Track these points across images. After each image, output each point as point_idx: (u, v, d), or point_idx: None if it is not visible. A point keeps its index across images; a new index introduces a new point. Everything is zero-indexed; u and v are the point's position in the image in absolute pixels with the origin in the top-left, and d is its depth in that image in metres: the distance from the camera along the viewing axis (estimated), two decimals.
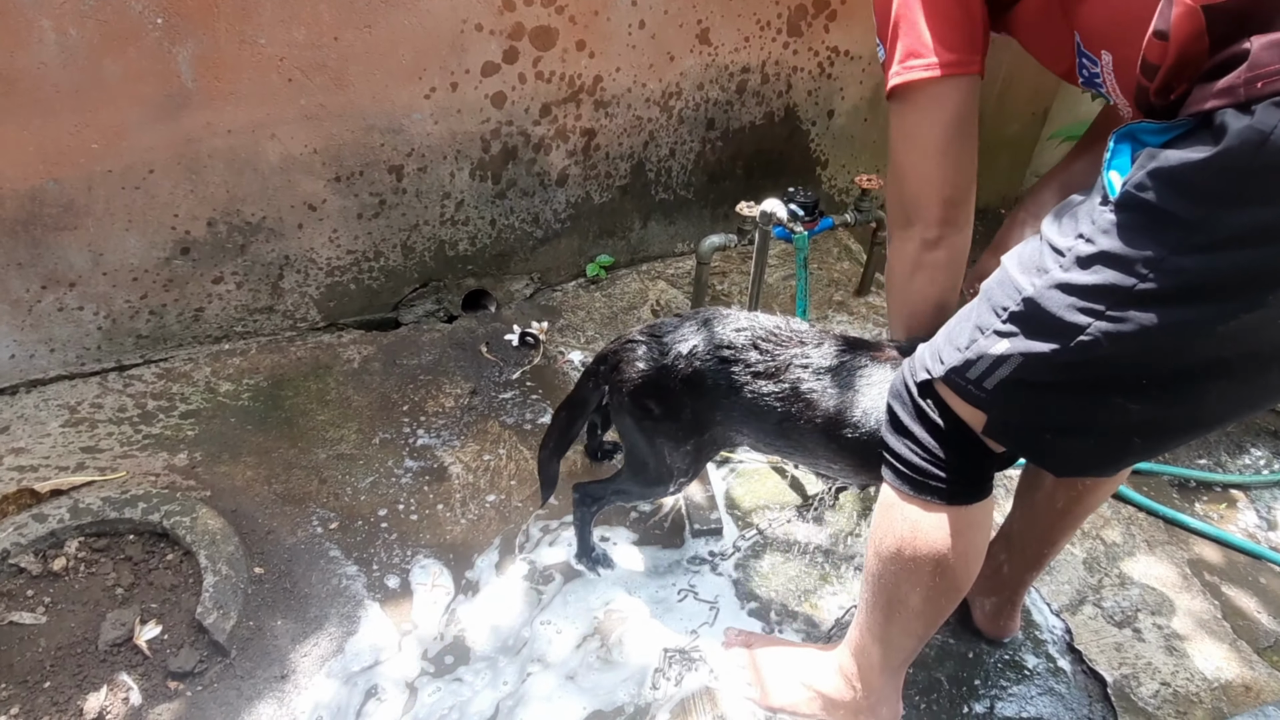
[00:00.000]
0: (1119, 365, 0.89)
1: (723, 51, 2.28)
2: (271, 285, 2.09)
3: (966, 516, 1.08)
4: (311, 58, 1.82)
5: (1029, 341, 0.91)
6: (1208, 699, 1.50)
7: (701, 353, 1.28)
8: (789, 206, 1.75)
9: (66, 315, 1.90)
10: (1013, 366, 0.93)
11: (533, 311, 2.33)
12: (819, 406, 1.23)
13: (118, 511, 1.59)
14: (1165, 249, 0.81)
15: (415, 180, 2.10)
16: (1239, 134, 0.74)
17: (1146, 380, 0.90)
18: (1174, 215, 0.80)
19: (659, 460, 1.41)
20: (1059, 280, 0.89)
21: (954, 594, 1.15)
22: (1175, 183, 0.80)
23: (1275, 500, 1.95)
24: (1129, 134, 0.86)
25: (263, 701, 1.38)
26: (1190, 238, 0.80)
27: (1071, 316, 0.87)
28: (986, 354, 0.95)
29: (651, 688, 1.44)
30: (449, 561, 1.64)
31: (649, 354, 1.32)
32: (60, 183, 1.74)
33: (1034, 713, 1.46)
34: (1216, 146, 0.76)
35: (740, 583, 1.64)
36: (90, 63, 1.65)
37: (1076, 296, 0.87)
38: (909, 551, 1.11)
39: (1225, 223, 0.78)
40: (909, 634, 1.20)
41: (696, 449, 1.40)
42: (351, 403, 1.97)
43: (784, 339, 1.27)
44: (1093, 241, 0.86)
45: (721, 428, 1.36)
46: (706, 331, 1.30)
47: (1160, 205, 0.81)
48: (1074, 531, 1.41)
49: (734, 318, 1.32)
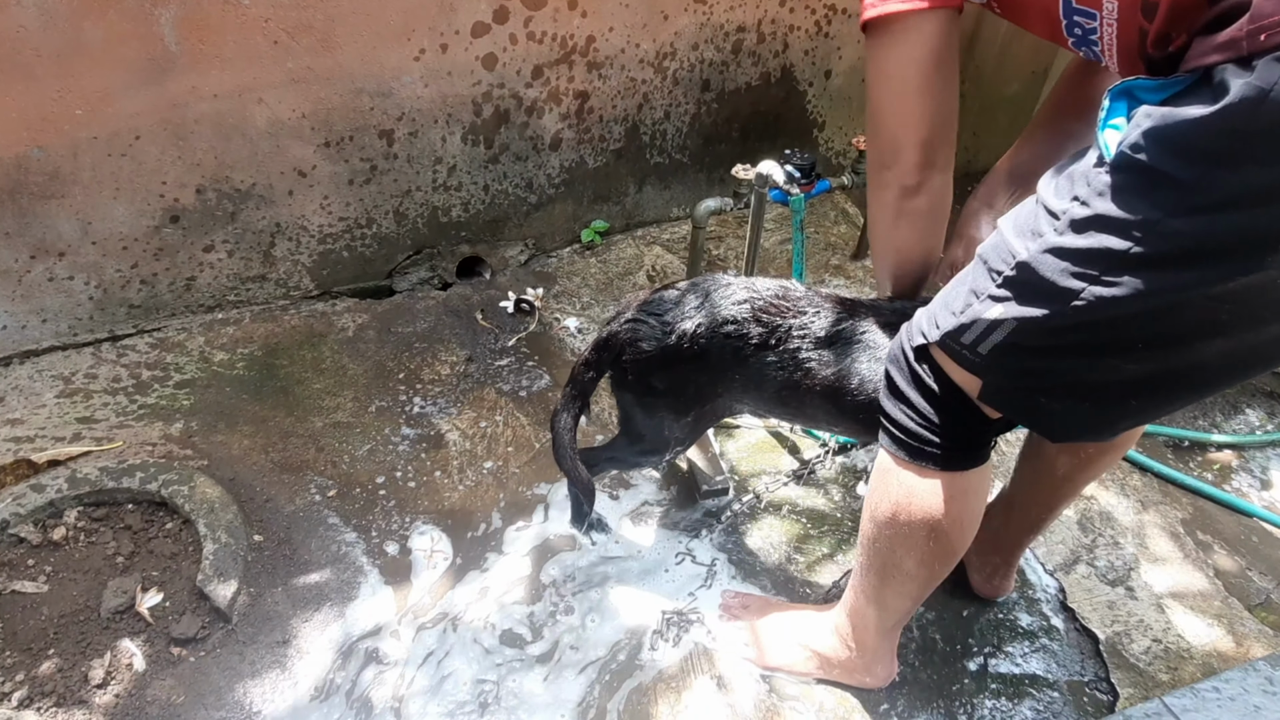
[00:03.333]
0: (1114, 329, 0.88)
1: (718, 10, 2.24)
2: (263, 253, 2.07)
3: (962, 482, 1.08)
4: (297, 18, 1.78)
5: (1023, 306, 0.90)
6: (1198, 655, 1.52)
7: (704, 329, 1.26)
8: (785, 169, 1.73)
9: (57, 285, 1.88)
10: (1007, 331, 0.93)
11: (528, 278, 2.32)
12: (819, 374, 1.22)
13: (115, 481, 1.59)
14: (1161, 211, 0.79)
15: (406, 145, 2.07)
16: (1239, 91, 0.72)
17: (1142, 344, 0.89)
18: (1170, 176, 0.78)
19: (657, 432, 1.41)
20: (1053, 244, 0.87)
21: (949, 558, 1.15)
22: (1171, 143, 0.77)
23: (1269, 461, 1.96)
24: (1125, 91, 0.84)
25: (265, 666, 1.40)
26: (1186, 199, 0.78)
27: (1065, 281, 0.86)
28: (981, 318, 0.94)
29: (650, 649, 1.46)
30: (447, 528, 1.65)
31: (651, 334, 1.29)
32: (45, 150, 1.71)
33: (1027, 670, 1.48)
34: (1215, 105, 0.74)
35: (737, 546, 1.65)
36: (70, 25, 1.61)
37: (1070, 261, 0.86)
38: (904, 516, 1.12)
39: (1222, 184, 0.76)
40: (904, 596, 1.22)
41: (696, 419, 1.40)
42: (347, 371, 1.97)
43: (784, 309, 1.25)
44: (1087, 204, 0.84)
45: (724, 399, 1.36)
46: (708, 306, 1.28)
47: (1156, 166, 0.78)
48: (1075, 498, 1.41)
49: (734, 287, 1.29)
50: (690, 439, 1.45)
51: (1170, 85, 0.79)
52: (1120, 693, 1.45)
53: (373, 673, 1.41)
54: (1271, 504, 1.85)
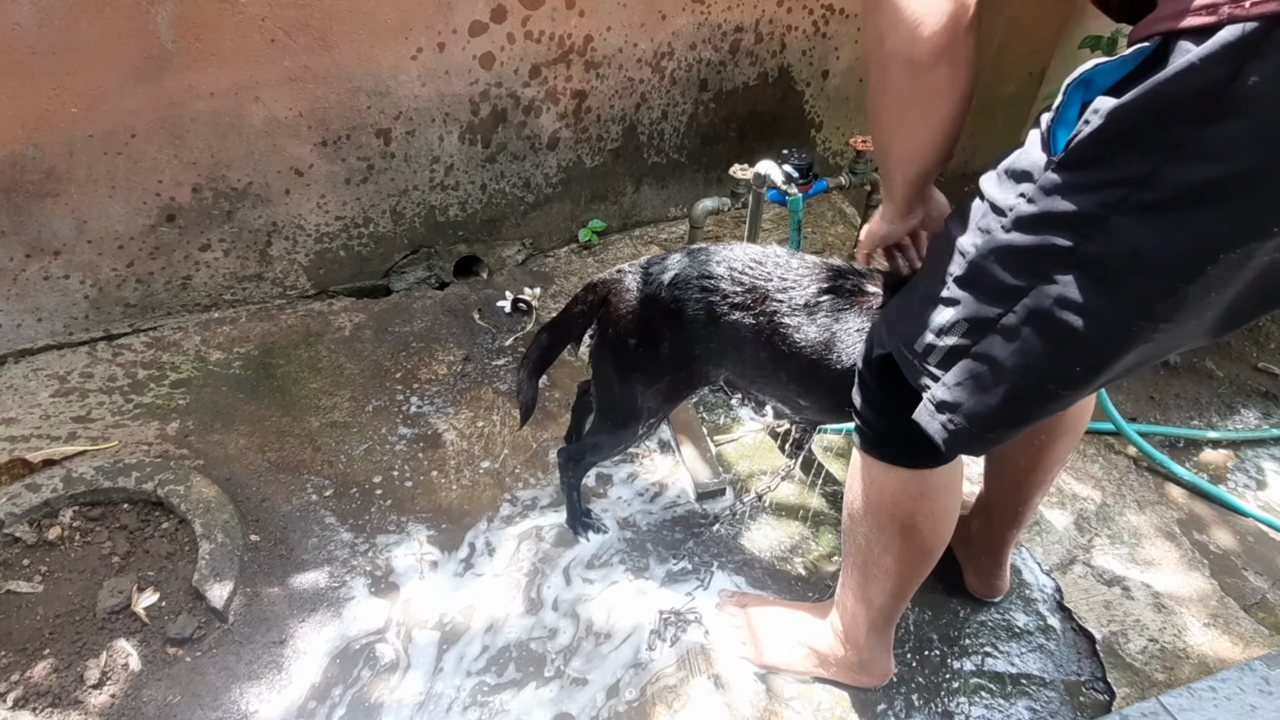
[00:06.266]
0: (1050, 331, 0.84)
1: (715, 9, 2.24)
2: (260, 252, 2.06)
3: (931, 479, 1.09)
4: (294, 17, 1.78)
5: (975, 306, 0.88)
6: (1194, 655, 1.53)
7: (682, 282, 1.28)
8: (783, 169, 1.73)
9: (52, 284, 1.88)
10: (957, 334, 0.90)
11: (525, 278, 2.31)
12: (797, 340, 1.23)
13: (111, 481, 1.58)
14: (1107, 209, 0.75)
15: (403, 144, 2.06)
16: (1194, 74, 0.66)
17: (1077, 354, 0.85)
18: (1117, 171, 0.74)
19: (631, 401, 1.42)
20: (1001, 242, 0.84)
21: (925, 555, 1.16)
22: (1120, 133, 0.73)
23: (1263, 461, 1.97)
24: (1084, 82, 0.78)
25: (261, 666, 1.39)
26: (1133, 195, 0.74)
27: (1013, 279, 0.83)
28: (934, 322, 0.91)
29: (648, 649, 1.46)
30: (444, 528, 1.64)
31: (634, 283, 1.34)
32: (40, 148, 1.71)
33: (1023, 669, 1.48)
34: (1168, 89, 0.68)
35: (734, 545, 1.65)
36: (66, 23, 1.60)
37: (1018, 259, 0.83)
38: (876, 514, 1.12)
39: (1171, 180, 0.71)
40: (886, 593, 1.22)
41: (671, 387, 1.40)
42: (344, 370, 1.96)
43: (764, 273, 1.26)
44: (1034, 202, 0.81)
45: (700, 364, 1.37)
46: (690, 263, 1.30)
47: (1102, 159, 0.74)
48: (1047, 487, 1.40)
49: (718, 250, 1.31)
50: (664, 410, 1.46)
51: (1128, 61, 0.73)
52: (1117, 692, 1.45)
53: (369, 673, 1.40)
54: (1267, 505, 1.86)
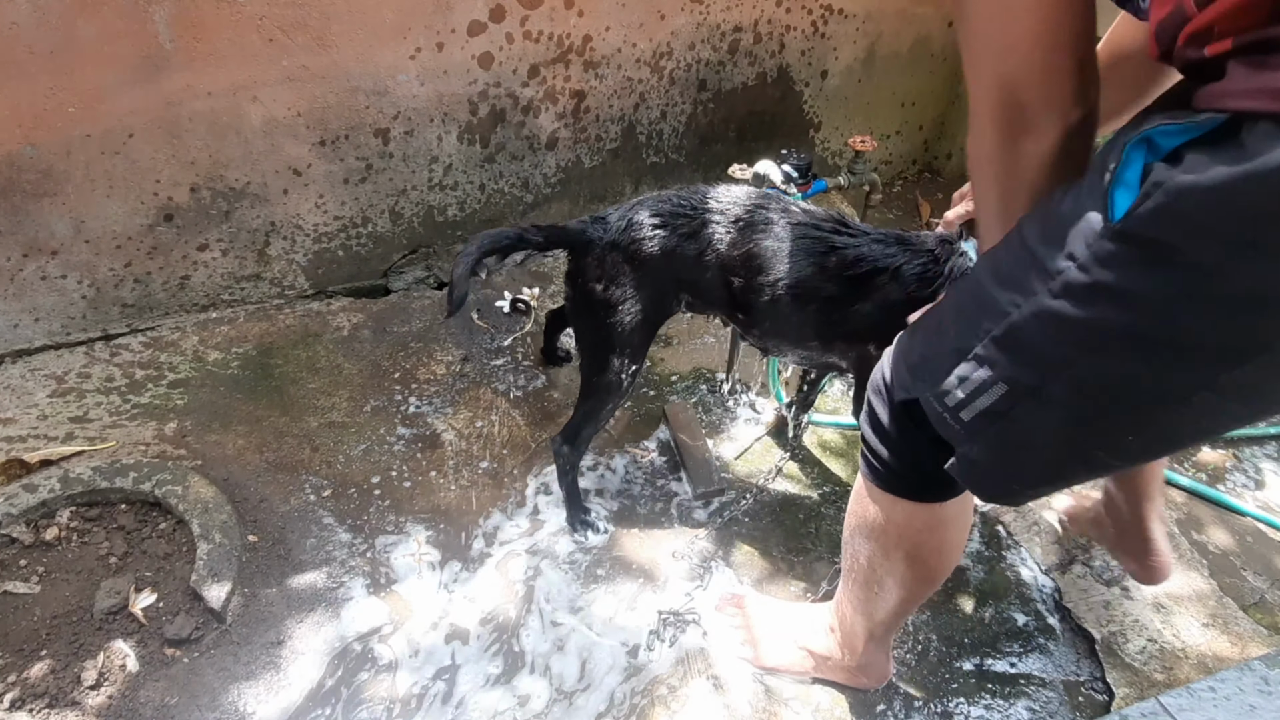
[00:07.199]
0: (1098, 403, 0.80)
1: (714, 9, 2.24)
2: (258, 252, 2.06)
3: (940, 513, 1.06)
4: (292, 16, 1.77)
5: (1012, 370, 0.82)
6: (1193, 655, 1.53)
7: (638, 220, 1.42)
8: (782, 169, 1.73)
9: (50, 284, 1.87)
10: (995, 397, 0.84)
11: (524, 278, 2.31)
12: (727, 252, 1.38)
13: (109, 481, 1.58)
14: (1171, 291, 0.69)
15: (402, 144, 2.06)
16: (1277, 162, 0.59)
17: (1129, 418, 0.81)
18: (1184, 255, 0.67)
19: (608, 348, 1.47)
20: (1045, 307, 0.78)
21: (929, 583, 1.15)
22: (1191, 218, 0.66)
23: (1261, 461, 1.97)
24: (1145, 140, 0.71)
25: (259, 667, 1.39)
26: (1200, 287, 0.68)
27: (1059, 350, 0.78)
28: (967, 378, 0.86)
29: (647, 650, 1.46)
30: (442, 528, 1.64)
31: (597, 229, 1.47)
32: (38, 148, 1.70)
33: (1023, 670, 1.48)
34: (1248, 174, 0.60)
35: (733, 546, 1.65)
36: (64, 22, 1.60)
37: (1065, 329, 0.77)
38: (880, 541, 1.11)
39: (1243, 276, 0.65)
40: (887, 610, 1.21)
41: (646, 322, 1.48)
42: (342, 371, 1.96)
43: (699, 203, 1.41)
44: (1086, 270, 0.74)
45: (670, 297, 1.47)
46: (644, 204, 1.45)
47: (1168, 240, 0.68)
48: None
49: (673, 191, 1.46)
50: (640, 353, 1.51)
51: (1192, 129, 0.67)
52: (1116, 692, 1.45)
53: (367, 674, 1.40)
54: (1265, 504, 1.86)
